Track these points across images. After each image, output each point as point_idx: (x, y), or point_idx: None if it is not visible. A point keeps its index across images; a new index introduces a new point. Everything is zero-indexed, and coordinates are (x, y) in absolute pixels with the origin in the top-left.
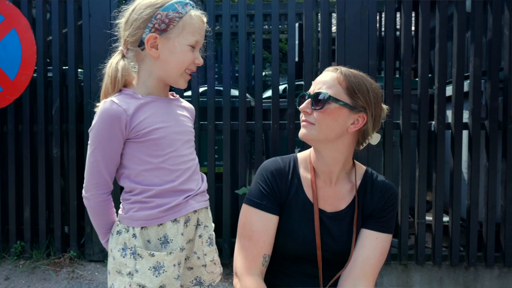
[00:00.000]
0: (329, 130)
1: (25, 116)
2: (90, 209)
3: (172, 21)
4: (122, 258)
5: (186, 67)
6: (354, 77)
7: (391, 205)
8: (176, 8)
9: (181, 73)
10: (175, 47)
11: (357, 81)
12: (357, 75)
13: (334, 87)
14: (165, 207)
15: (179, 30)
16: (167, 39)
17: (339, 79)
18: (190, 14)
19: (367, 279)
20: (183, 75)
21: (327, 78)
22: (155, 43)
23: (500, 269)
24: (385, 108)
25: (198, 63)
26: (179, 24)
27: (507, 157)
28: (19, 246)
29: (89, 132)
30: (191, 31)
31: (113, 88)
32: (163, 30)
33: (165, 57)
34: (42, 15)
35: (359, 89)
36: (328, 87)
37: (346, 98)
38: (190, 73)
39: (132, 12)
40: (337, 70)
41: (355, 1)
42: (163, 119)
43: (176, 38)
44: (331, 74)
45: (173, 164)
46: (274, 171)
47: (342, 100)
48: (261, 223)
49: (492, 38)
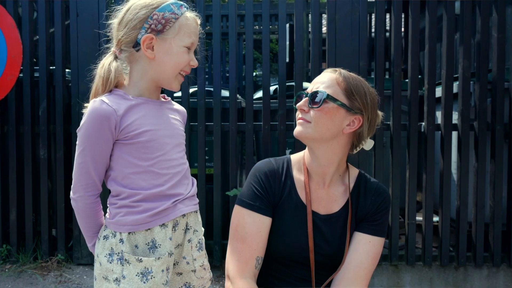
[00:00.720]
0: (325, 129)
1: (11, 117)
2: (77, 211)
3: (168, 22)
4: (109, 263)
5: (181, 68)
6: (352, 79)
7: (384, 208)
8: (172, 9)
9: (176, 75)
10: (172, 48)
11: (355, 83)
12: (356, 78)
13: (333, 87)
14: (153, 211)
15: (175, 31)
16: (163, 40)
17: (338, 80)
18: (185, 16)
19: (360, 283)
20: (177, 77)
21: (326, 79)
22: (151, 44)
23: (489, 269)
24: (381, 115)
25: (193, 64)
26: (175, 25)
27: (495, 158)
28: (5, 250)
29: (78, 132)
30: (187, 32)
31: (104, 89)
32: (159, 31)
33: (161, 58)
34: (29, 14)
35: (357, 91)
36: (327, 86)
37: (343, 98)
38: (184, 75)
39: (127, 13)
40: (336, 71)
41: (346, 2)
42: (154, 121)
43: (172, 39)
44: (330, 75)
45: (162, 168)
46: (268, 172)
47: (339, 100)
48: (254, 225)
49: (481, 40)
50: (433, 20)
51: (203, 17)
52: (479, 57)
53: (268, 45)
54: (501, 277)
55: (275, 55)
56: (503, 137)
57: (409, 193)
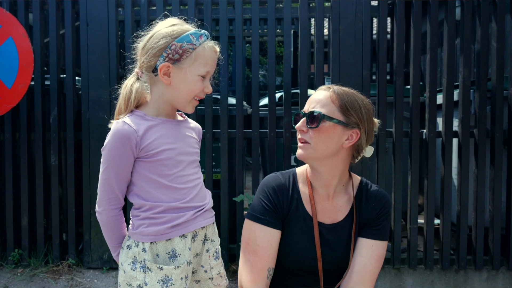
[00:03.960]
0: (325, 147)
1: (23, 124)
2: (102, 223)
3: (185, 52)
4: (132, 271)
5: (195, 95)
6: (346, 95)
7: (385, 213)
8: (190, 39)
9: (190, 100)
10: (187, 77)
11: (349, 99)
12: (349, 93)
13: (328, 105)
14: (173, 223)
15: (192, 60)
16: (179, 69)
17: (332, 97)
18: (203, 46)
19: (366, 285)
20: (191, 102)
21: (321, 97)
22: (168, 71)
23: (489, 272)
24: (377, 122)
25: (207, 91)
26: (192, 55)
27: (495, 164)
28: (17, 254)
29: (102, 151)
30: (203, 62)
31: (126, 108)
32: (176, 60)
33: (176, 84)
34: (40, 23)
35: (351, 107)
36: (322, 106)
37: (339, 115)
38: (198, 99)
39: (150, 39)
40: (330, 89)
41: (349, 12)
42: (171, 140)
43: (188, 68)
44: (324, 93)
45: (180, 182)
46: (276, 187)
47: (336, 118)
48: (265, 238)
49: (481, 50)
50: (434, 29)
51: (210, 21)
52: (479, 66)
53: (274, 51)
54: (500, 279)
55: (280, 58)
56: (502, 143)
57: (411, 198)
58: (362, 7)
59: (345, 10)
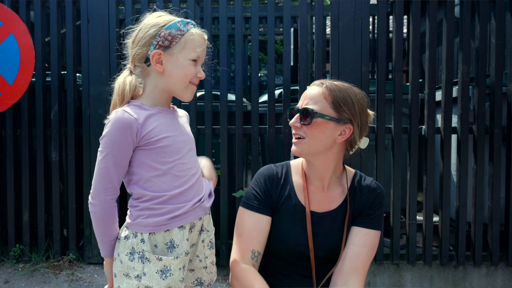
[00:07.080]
0: (318, 142)
1: (24, 121)
2: (96, 215)
3: (174, 38)
4: (130, 262)
5: (190, 80)
6: (339, 90)
7: (379, 203)
8: (178, 26)
9: (186, 86)
10: (179, 61)
11: (342, 95)
12: (342, 88)
13: (320, 102)
14: (172, 214)
15: (181, 46)
16: (170, 55)
17: (325, 94)
18: (191, 32)
19: (358, 273)
20: (188, 87)
21: (314, 92)
22: (159, 59)
23: (488, 267)
24: (371, 114)
25: (200, 76)
26: (181, 41)
27: (493, 160)
28: (18, 250)
29: (100, 140)
30: (193, 46)
31: (121, 101)
32: (166, 47)
33: (169, 71)
34: (41, 20)
35: (344, 103)
36: (315, 102)
37: (331, 112)
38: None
39: (139, 32)
40: (322, 84)
41: (348, 9)
42: (170, 128)
43: (179, 53)
44: (317, 89)
45: (180, 170)
46: (266, 176)
47: (328, 114)
48: (251, 221)
49: (480, 46)
50: (433, 26)
51: (210, 19)
52: (478, 63)
53: (273, 49)
54: (499, 275)
55: (280, 56)
56: (501, 140)
57: (410, 194)
58: (361, 4)
59: (344, 7)
